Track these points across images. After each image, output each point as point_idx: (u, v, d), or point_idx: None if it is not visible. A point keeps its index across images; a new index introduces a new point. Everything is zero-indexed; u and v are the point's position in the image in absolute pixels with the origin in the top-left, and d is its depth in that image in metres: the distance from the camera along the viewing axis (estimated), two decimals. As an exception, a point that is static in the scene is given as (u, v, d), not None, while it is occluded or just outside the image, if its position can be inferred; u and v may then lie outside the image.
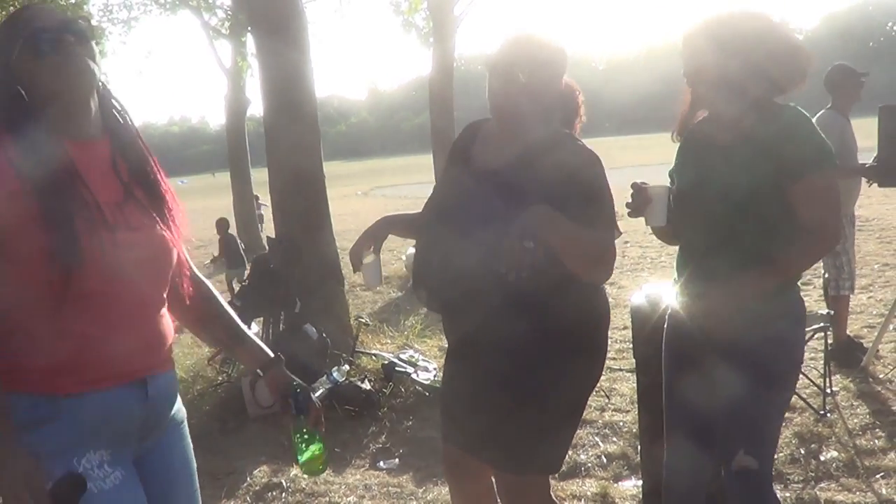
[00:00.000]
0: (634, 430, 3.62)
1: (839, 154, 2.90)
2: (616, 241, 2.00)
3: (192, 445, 1.70)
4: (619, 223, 2.04)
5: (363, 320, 5.46)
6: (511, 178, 1.89)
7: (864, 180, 4.54)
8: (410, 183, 28.11)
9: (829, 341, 4.13)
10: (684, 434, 2.19)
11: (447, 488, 3.22)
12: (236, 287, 9.49)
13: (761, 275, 1.95)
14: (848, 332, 4.76)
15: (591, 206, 1.88)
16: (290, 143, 5.26)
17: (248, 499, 3.39)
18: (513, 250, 1.71)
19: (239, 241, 10.65)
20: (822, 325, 3.87)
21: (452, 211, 1.98)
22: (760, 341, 1.99)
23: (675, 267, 2.17)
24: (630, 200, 2.10)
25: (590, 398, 2.16)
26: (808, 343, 4.05)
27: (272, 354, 1.75)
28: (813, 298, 6.33)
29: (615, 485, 3.27)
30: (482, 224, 1.84)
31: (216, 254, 11.43)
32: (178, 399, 1.68)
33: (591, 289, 1.99)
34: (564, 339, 1.94)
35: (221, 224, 10.64)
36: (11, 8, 12.54)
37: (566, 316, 1.91)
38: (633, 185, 2.09)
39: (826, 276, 4.66)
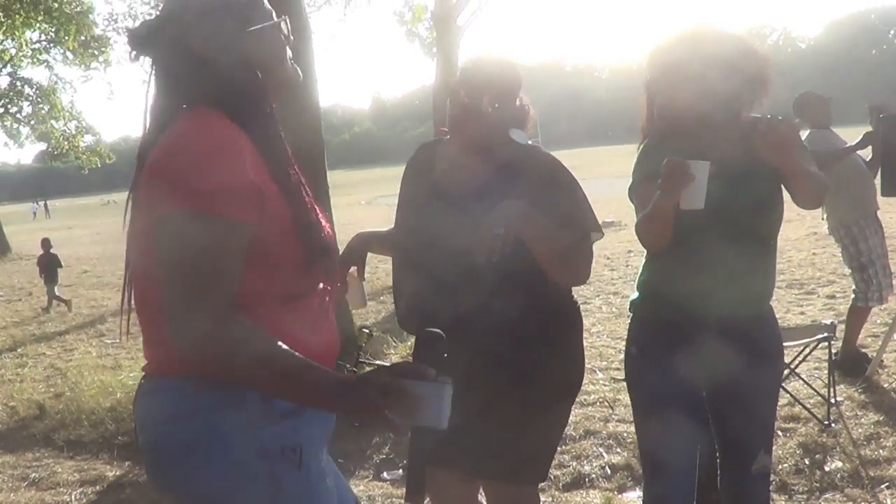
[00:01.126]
0: (638, 441, 3.61)
1: (827, 154, 3.67)
2: (598, 247, 2.02)
3: None
4: (604, 227, 2.06)
5: (367, 330, 5.45)
6: (487, 199, 1.89)
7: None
8: (414, 192, 28.05)
9: (833, 351, 4.12)
10: (672, 424, 2.06)
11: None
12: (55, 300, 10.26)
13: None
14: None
15: (563, 205, 1.92)
16: (293, 152, 5.26)
17: None
18: (483, 236, 1.74)
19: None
20: (825, 335, 3.87)
21: (429, 240, 1.99)
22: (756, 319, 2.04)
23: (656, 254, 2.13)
24: (665, 179, 1.82)
25: (593, 410, 2.16)
26: (812, 353, 4.05)
27: None
28: (817, 307, 6.32)
29: (619, 496, 3.26)
30: (464, 250, 1.84)
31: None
32: None
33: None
34: (546, 323, 1.98)
35: (45, 243, 10.92)
36: (19, 16, 12.53)
37: (549, 299, 1.96)
38: (670, 162, 1.81)
39: (854, 288, 4.67)
